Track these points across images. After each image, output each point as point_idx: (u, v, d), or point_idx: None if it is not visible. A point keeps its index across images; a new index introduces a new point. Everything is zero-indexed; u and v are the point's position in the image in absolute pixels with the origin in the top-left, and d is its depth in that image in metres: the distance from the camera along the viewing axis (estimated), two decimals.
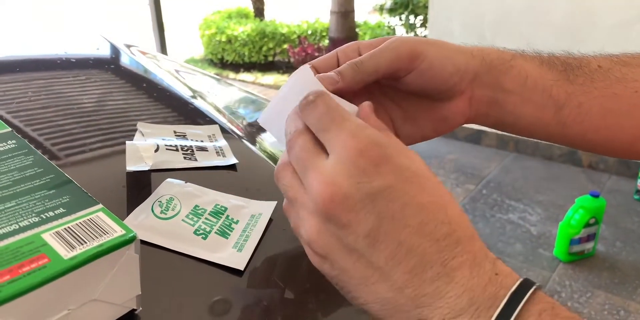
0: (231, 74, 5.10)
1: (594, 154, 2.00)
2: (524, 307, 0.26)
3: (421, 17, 4.70)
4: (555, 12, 2.62)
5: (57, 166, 0.39)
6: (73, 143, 0.58)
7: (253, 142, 0.66)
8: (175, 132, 0.61)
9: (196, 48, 5.73)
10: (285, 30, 5.20)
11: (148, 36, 4.36)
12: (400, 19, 4.87)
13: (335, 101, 0.33)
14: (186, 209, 0.47)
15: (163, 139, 0.57)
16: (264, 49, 5.16)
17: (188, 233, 0.45)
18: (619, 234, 2.21)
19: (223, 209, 0.48)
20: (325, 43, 5.01)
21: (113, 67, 0.85)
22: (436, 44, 0.41)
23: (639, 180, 2.49)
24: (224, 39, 5.22)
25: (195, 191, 0.50)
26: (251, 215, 0.48)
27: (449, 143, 3.12)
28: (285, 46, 5.04)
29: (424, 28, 4.69)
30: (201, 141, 0.60)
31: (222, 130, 0.64)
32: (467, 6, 2.89)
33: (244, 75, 5.07)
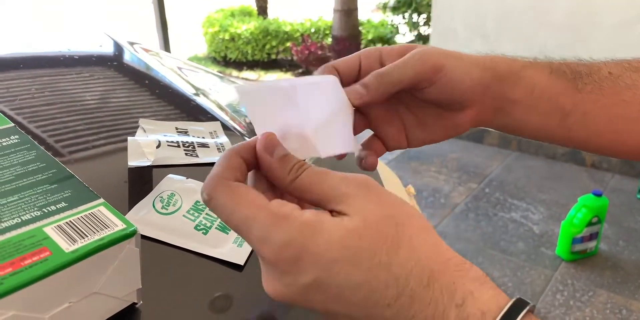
0: (234, 72, 5.10)
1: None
2: None
3: (424, 16, 4.69)
4: (557, 11, 2.62)
5: (60, 162, 0.40)
6: (76, 140, 0.58)
7: None
8: (177, 129, 0.61)
9: (199, 46, 5.73)
10: (288, 28, 5.19)
11: (150, 35, 4.36)
12: (404, 17, 4.86)
13: (236, 193, 0.30)
14: (187, 205, 0.47)
15: (165, 135, 0.58)
16: (267, 47, 5.16)
17: (189, 228, 0.45)
18: (621, 233, 2.21)
19: None
20: (329, 41, 5.00)
21: (116, 64, 0.85)
22: (455, 56, 0.41)
23: None
24: (227, 37, 5.22)
25: (196, 187, 0.50)
26: None
27: (452, 142, 3.11)
28: (289, 44, 5.03)
29: (427, 26, 4.68)
30: (202, 137, 0.60)
31: (224, 127, 0.65)
32: (470, 5, 2.89)
33: (247, 73, 5.07)
